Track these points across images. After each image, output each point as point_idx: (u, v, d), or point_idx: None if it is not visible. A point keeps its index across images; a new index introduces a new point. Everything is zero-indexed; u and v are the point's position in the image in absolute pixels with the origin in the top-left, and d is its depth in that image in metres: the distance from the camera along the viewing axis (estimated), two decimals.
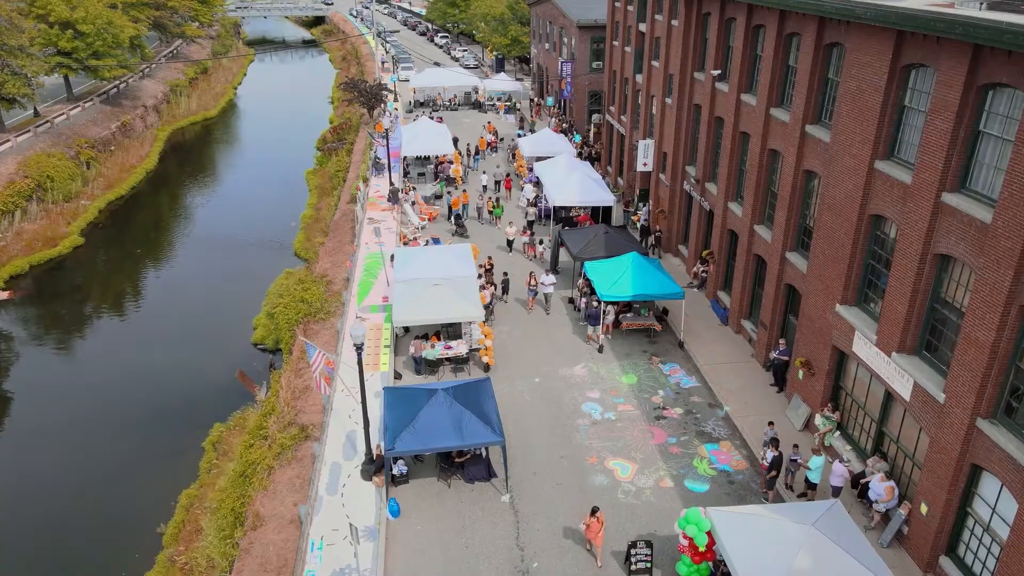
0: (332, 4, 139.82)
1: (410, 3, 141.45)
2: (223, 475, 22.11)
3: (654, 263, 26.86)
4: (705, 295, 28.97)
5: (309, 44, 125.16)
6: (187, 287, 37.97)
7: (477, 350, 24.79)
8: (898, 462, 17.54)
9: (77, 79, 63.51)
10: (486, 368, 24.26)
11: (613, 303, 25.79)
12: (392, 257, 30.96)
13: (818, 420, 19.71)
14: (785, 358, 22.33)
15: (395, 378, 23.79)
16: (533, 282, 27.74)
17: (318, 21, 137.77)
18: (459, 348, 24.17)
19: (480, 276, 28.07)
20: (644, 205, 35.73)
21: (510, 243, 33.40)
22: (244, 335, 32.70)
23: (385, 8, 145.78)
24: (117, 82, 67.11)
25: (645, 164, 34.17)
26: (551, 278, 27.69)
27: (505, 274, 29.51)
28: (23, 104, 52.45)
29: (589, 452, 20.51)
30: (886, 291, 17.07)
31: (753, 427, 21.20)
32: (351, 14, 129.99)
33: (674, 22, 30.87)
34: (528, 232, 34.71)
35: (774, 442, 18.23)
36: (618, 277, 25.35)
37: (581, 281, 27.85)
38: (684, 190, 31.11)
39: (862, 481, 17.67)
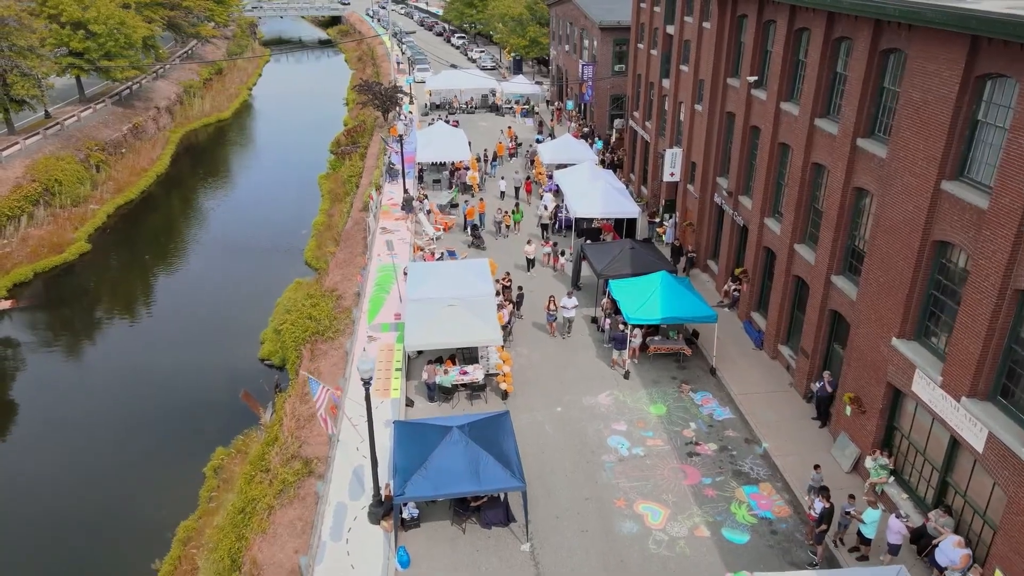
0: (349, 4, 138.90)
1: (427, 3, 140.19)
2: (222, 508, 20.67)
3: (684, 282, 25.11)
4: (737, 316, 27.18)
5: (325, 44, 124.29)
6: (195, 296, 36.71)
7: (495, 375, 23.19)
8: (964, 517, 15.72)
9: (90, 80, 62.62)
10: (504, 396, 22.65)
11: (640, 326, 24.07)
12: (405, 271, 29.48)
13: (869, 464, 17.90)
14: (830, 391, 20.51)
15: (407, 405, 22.24)
16: (553, 307, 25.89)
17: (334, 21, 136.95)
18: (475, 374, 22.57)
19: (498, 294, 26.48)
20: (670, 217, 33.95)
21: (530, 262, 31.20)
22: (251, 349, 31.33)
23: (402, 8, 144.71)
24: (130, 83, 66.20)
25: (672, 174, 32.40)
26: (572, 301, 25.84)
27: (520, 288, 27.87)
28: (32, 106, 51.51)
29: (616, 493, 18.83)
30: (954, 327, 15.25)
31: (795, 467, 19.42)
32: (367, 14, 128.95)
33: (706, 24, 29.11)
34: (550, 243, 33.06)
35: (823, 491, 16.44)
36: (646, 298, 23.64)
37: (605, 300, 26.15)
38: (715, 203, 29.33)
39: (923, 540, 15.85)
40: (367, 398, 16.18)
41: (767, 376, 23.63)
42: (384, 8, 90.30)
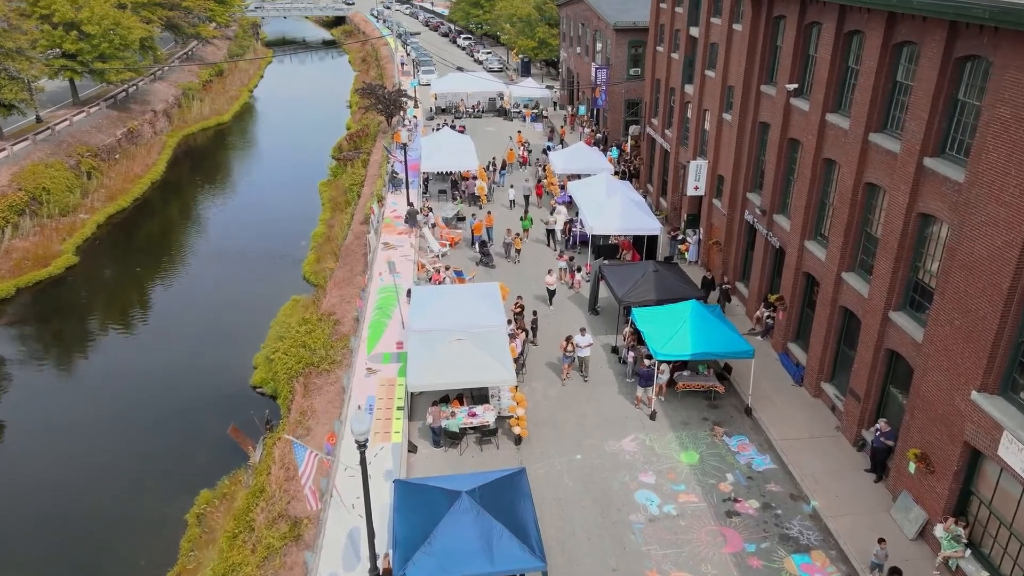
0: (353, 4, 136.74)
1: (432, 3, 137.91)
2: (201, 570, 18.41)
3: (715, 311, 22.74)
4: (771, 346, 24.80)
5: (329, 45, 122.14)
6: (186, 313, 34.50)
7: (507, 418, 20.88)
8: None
9: (85, 83, 60.51)
10: (517, 440, 20.34)
11: (668, 361, 21.71)
12: (408, 293, 27.22)
13: (940, 533, 15.54)
14: (889, 443, 18.13)
15: (409, 451, 19.94)
16: (569, 347, 22.99)
17: (338, 21, 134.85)
18: (486, 416, 20.26)
19: (509, 322, 24.17)
20: (694, 233, 31.56)
21: (551, 293, 27.85)
22: (243, 374, 29.07)
23: (407, 8, 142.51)
24: (126, 86, 64.09)
25: (696, 188, 30.03)
26: (587, 339, 23.07)
27: (534, 314, 25.51)
28: (22, 110, 49.42)
29: (647, 562, 16.50)
30: None
31: (851, 531, 17.05)
32: (372, 14, 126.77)
33: (736, 26, 26.75)
34: (565, 256, 30.77)
35: (895, 573, 14.06)
36: (675, 330, 21.28)
37: (628, 330, 23.79)
38: (745, 220, 26.95)
39: None
40: (363, 462, 13.87)
41: (810, 418, 21.24)
42: (388, 8, 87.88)
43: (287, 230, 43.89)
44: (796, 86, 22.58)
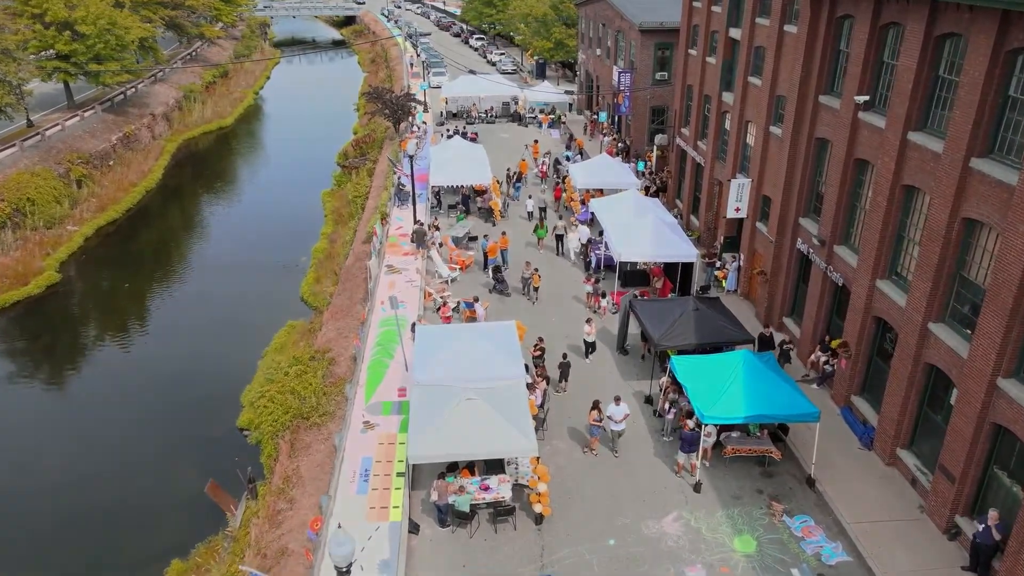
0: (364, 3, 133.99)
1: (444, 3, 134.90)
2: None
3: (769, 363, 19.37)
4: (830, 396, 21.46)
5: (338, 45, 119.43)
6: (172, 338, 31.54)
7: (524, 486, 17.70)
8: None
9: (82, 85, 57.84)
10: (538, 519, 17.13)
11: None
12: (413, 327, 24.13)
13: None
14: (996, 538, 14.78)
15: (410, 531, 16.79)
16: (598, 416, 19.14)
17: (349, 21, 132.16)
18: (501, 490, 17.08)
19: (527, 367, 20.97)
20: (733, 260, 28.21)
21: (589, 346, 23.57)
22: (230, 412, 25.99)
23: (418, 7, 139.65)
24: (124, 88, 61.37)
25: (738, 209, 26.70)
26: (622, 409, 19.06)
27: (564, 357, 22.19)
28: (9, 115, 46.69)
29: None
30: None
31: None
32: (382, 14, 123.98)
33: (789, 28, 23.41)
34: (592, 280, 27.61)
35: None
36: (725, 387, 18.01)
37: (666, 380, 20.53)
38: (797, 250, 23.62)
39: None
40: None
41: (885, 493, 17.89)
42: (399, 8, 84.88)
43: (287, 244, 40.93)
44: (867, 98, 19.24)
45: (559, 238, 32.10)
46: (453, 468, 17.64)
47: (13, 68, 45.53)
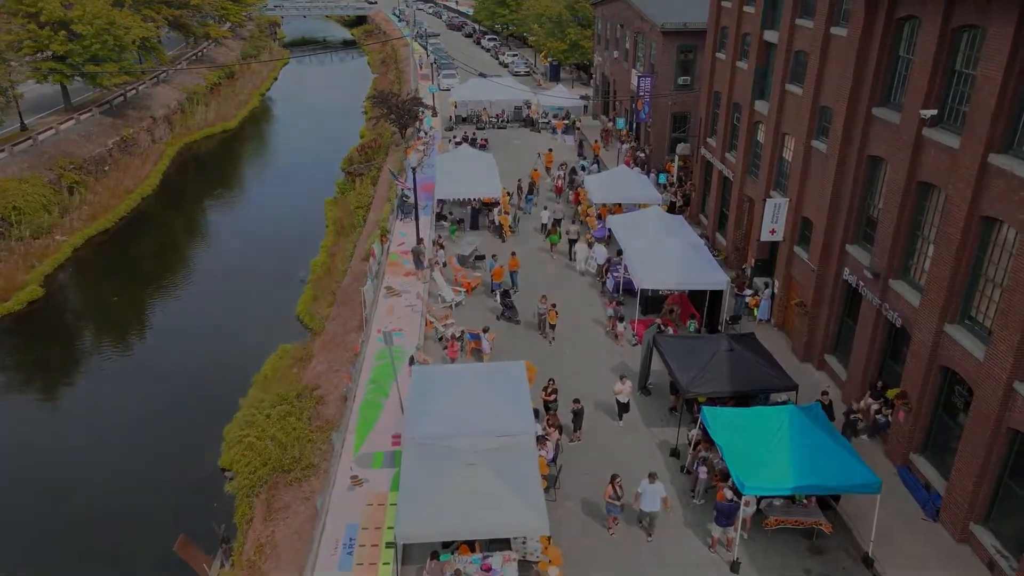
0: (375, 3, 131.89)
1: (456, 2, 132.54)
2: None
3: (818, 417, 16.72)
4: (884, 451, 18.80)
5: (349, 45, 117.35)
6: (157, 362, 29.21)
7: (533, 563, 15.20)
8: None
9: (80, 87, 55.92)
10: None
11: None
12: (412, 360, 21.74)
13: None
14: None
15: None
16: (618, 492, 16.13)
17: (360, 21, 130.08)
18: (505, 571, 14.57)
19: (537, 414, 18.48)
20: (766, 286, 25.54)
21: (623, 407, 20.25)
22: (213, 448, 23.65)
23: (429, 7, 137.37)
24: (124, 90, 59.41)
25: (772, 231, 24.05)
26: (658, 489, 15.89)
27: (577, 402, 19.59)
28: None
29: None
30: None
31: None
32: (394, 13, 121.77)
33: (837, 30, 20.74)
34: (613, 303, 25.13)
35: None
36: (767, 451, 15.42)
37: (697, 433, 17.95)
38: (843, 280, 20.95)
39: None
40: None
41: None
42: (410, 7, 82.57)
43: (287, 256, 38.64)
44: (934, 112, 16.59)
45: (572, 243, 30.07)
46: (449, 544, 15.18)
47: (4, 70, 43.57)
